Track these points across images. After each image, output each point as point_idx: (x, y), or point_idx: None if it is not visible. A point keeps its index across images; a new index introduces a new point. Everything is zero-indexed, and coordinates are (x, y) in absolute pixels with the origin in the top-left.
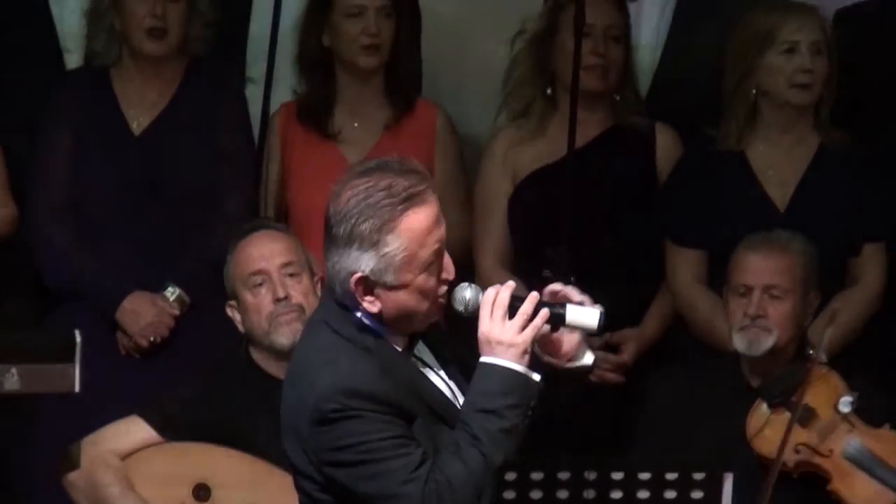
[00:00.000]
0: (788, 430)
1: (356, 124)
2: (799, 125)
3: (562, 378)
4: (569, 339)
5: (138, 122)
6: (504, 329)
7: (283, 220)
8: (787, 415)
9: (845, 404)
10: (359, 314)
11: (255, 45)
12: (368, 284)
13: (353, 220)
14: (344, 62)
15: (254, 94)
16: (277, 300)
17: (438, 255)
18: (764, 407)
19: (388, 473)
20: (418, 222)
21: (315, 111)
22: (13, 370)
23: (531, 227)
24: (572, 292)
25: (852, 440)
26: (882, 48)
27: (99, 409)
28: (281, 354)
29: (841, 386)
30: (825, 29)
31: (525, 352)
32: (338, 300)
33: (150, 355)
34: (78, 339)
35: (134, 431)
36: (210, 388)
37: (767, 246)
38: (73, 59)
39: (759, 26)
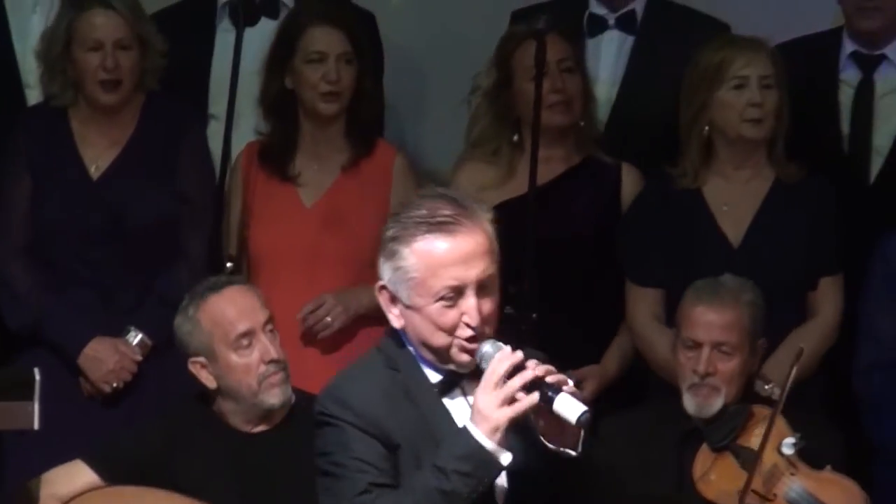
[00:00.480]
0: (748, 483)
1: (316, 167)
2: (753, 160)
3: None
4: (571, 428)
5: (96, 165)
6: (487, 399)
7: (245, 258)
8: (732, 457)
9: (788, 446)
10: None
11: (218, 83)
12: (391, 295)
13: (387, 226)
14: (305, 107)
15: (216, 131)
16: (271, 361)
17: (456, 292)
18: (709, 450)
19: (337, 491)
20: (435, 249)
21: (277, 153)
22: None
23: None
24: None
25: (794, 484)
26: (820, 81)
27: (63, 451)
28: (270, 413)
29: (784, 427)
30: (775, 63)
31: (496, 429)
32: None
33: (114, 399)
34: (37, 376)
35: (76, 475)
36: (161, 432)
37: (717, 299)
38: (33, 95)
39: (709, 62)
